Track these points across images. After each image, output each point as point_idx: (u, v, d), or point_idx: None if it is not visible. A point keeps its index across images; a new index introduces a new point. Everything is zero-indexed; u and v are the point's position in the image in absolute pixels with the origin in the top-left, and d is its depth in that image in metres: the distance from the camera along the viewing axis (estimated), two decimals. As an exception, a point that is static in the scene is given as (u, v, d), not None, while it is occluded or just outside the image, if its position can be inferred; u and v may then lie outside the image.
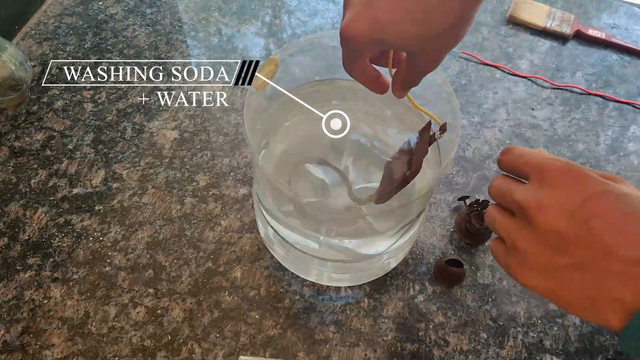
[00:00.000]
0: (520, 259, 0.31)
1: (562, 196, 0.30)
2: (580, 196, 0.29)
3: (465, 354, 0.47)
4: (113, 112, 0.60)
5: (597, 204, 0.29)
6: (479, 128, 0.60)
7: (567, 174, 0.30)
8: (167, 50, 0.65)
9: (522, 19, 0.69)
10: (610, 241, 0.28)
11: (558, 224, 0.29)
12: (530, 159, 0.32)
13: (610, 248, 0.28)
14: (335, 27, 0.69)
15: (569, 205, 0.29)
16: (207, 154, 0.57)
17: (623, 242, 0.28)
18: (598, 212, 0.29)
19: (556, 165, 0.31)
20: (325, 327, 0.47)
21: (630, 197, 0.29)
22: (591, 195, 0.29)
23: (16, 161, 0.56)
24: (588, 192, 0.29)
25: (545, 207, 0.30)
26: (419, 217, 0.46)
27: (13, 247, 0.51)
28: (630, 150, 0.60)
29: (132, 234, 0.52)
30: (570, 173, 0.30)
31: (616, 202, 0.29)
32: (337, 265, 0.47)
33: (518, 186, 0.32)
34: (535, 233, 0.30)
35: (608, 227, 0.28)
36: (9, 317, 0.47)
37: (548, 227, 0.30)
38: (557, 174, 0.30)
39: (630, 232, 0.28)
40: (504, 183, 0.33)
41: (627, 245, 0.28)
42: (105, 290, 0.49)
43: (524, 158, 0.33)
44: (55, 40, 0.66)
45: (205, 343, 0.46)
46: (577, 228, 0.29)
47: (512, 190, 0.32)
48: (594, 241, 0.28)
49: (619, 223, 0.28)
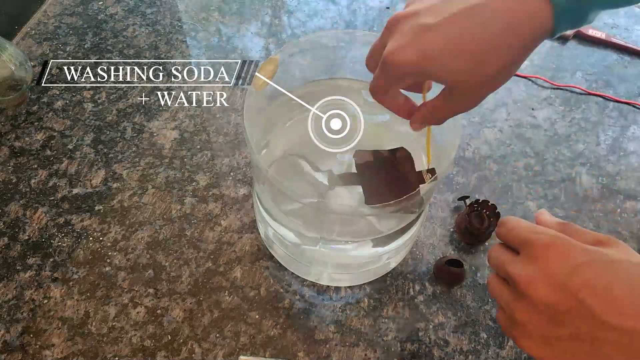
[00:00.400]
0: (520, 329, 0.32)
1: (550, 269, 0.30)
2: (567, 268, 0.29)
3: (465, 354, 0.46)
4: (113, 112, 0.60)
5: (584, 275, 0.29)
6: (479, 128, 0.60)
7: (552, 247, 0.30)
8: (167, 50, 0.65)
9: (522, 19, 0.68)
10: (601, 312, 0.28)
11: (549, 297, 0.29)
12: (518, 233, 0.32)
13: (602, 318, 0.28)
14: (334, 27, 0.69)
15: (557, 278, 0.29)
16: (207, 154, 0.57)
17: (614, 312, 0.28)
18: (585, 283, 0.29)
19: (541, 240, 0.31)
20: (325, 327, 0.47)
21: (619, 263, 0.29)
22: (577, 266, 0.29)
23: (16, 161, 0.56)
24: (574, 264, 0.29)
25: (535, 281, 0.30)
26: (419, 217, 0.46)
27: (13, 247, 0.51)
28: (631, 150, 0.60)
29: (132, 234, 0.52)
30: (555, 247, 0.30)
31: (603, 271, 0.29)
32: (337, 265, 0.47)
33: (511, 258, 0.32)
34: (530, 305, 0.30)
35: (597, 298, 0.28)
36: (9, 317, 0.47)
37: (541, 301, 0.30)
38: (542, 248, 0.30)
39: (619, 302, 0.28)
40: (500, 254, 0.34)
41: (617, 315, 0.28)
42: (105, 290, 0.49)
43: (514, 232, 0.33)
44: (55, 40, 0.66)
45: (205, 343, 0.46)
46: (568, 301, 0.29)
47: (505, 263, 0.32)
48: (586, 313, 0.28)
49: (606, 293, 0.28)
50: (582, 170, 0.58)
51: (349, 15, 0.70)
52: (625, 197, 0.56)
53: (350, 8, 0.71)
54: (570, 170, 0.58)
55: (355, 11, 0.70)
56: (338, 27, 0.69)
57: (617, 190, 0.56)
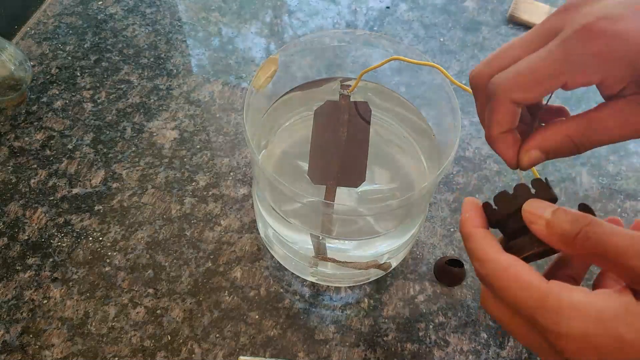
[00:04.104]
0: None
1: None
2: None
3: (465, 354, 0.46)
4: (113, 112, 0.60)
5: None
6: (479, 128, 0.60)
7: (581, 342, 0.23)
8: (167, 50, 0.65)
9: (523, 18, 0.68)
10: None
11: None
12: (516, 302, 0.25)
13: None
14: (335, 27, 0.69)
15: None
16: (207, 154, 0.57)
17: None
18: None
19: (565, 334, 0.23)
20: (325, 327, 0.47)
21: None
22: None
23: (16, 161, 0.56)
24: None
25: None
26: (419, 217, 0.46)
27: (12, 247, 0.51)
28: (632, 150, 0.59)
29: (132, 234, 0.52)
30: (581, 341, 0.23)
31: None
32: (337, 265, 0.47)
33: (532, 344, 0.26)
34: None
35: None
36: (9, 317, 0.47)
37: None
38: (568, 345, 0.23)
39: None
40: (507, 320, 0.27)
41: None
42: (105, 291, 0.48)
43: (505, 295, 0.25)
44: (55, 40, 0.65)
45: (205, 343, 0.46)
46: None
47: (523, 342, 0.27)
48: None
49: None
50: (583, 170, 0.58)
51: (349, 15, 0.70)
52: (626, 197, 0.56)
53: (351, 8, 0.71)
54: (570, 170, 0.58)
55: (355, 11, 0.70)
56: (338, 27, 0.69)
57: (618, 191, 0.56)
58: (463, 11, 0.70)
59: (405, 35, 0.68)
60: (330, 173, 0.40)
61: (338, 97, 0.41)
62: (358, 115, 0.41)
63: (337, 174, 0.39)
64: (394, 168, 0.46)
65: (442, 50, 0.66)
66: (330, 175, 0.39)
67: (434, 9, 0.70)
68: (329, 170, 0.40)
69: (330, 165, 0.40)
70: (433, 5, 0.71)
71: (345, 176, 0.40)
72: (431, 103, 0.43)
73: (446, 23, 0.69)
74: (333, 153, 0.40)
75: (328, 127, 0.41)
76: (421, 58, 0.39)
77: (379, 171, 0.44)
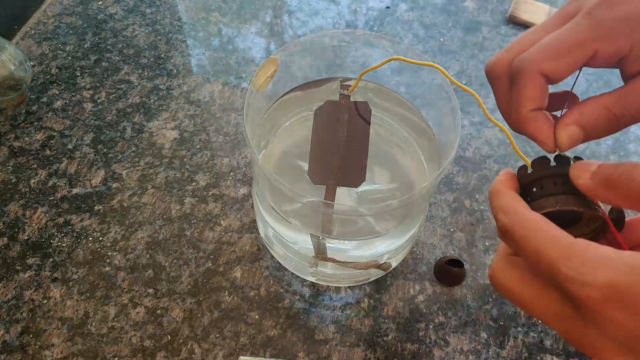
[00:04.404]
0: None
1: (621, 336, 0.22)
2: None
3: (465, 354, 0.46)
4: (113, 112, 0.60)
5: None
6: (479, 128, 0.60)
7: (613, 303, 0.22)
8: (167, 50, 0.65)
9: (523, 18, 0.68)
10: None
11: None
12: (540, 259, 0.23)
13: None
14: (335, 27, 0.69)
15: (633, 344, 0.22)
16: (207, 154, 0.57)
17: None
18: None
19: (592, 296, 0.22)
20: (325, 327, 0.47)
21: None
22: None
23: (16, 161, 0.56)
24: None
25: (607, 353, 0.23)
26: (419, 217, 0.45)
27: (12, 247, 0.51)
28: (632, 150, 0.59)
29: (132, 234, 0.52)
30: (615, 301, 0.22)
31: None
32: (337, 265, 0.47)
33: (554, 313, 0.24)
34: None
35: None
36: (9, 317, 0.47)
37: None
38: (599, 306, 0.22)
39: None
40: (521, 288, 0.26)
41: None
42: (104, 291, 0.48)
43: (530, 249, 0.24)
44: (54, 40, 0.65)
45: (205, 343, 0.46)
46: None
47: (540, 314, 0.25)
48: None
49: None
50: (583, 170, 0.58)
51: (349, 15, 0.70)
52: (626, 197, 0.56)
53: (351, 8, 0.71)
54: (570, 170, 0.58)
55: (355, 11, 0.70)
56: (338, 27, 0.69)
57: (618, 190, 0.56)
58: (463, 11, 0.70)
59: (405, 35, 0.68)
60: (330, 173, 0.40)
61: (338, 97, 0.41)
62: (358, 115, 0.41)
63: (337, 174, 0.39)
64: (394, 168, 0.46)
65: (442, 50, 0.66)
66: (330, 175, 0.39)
67: (434, 9, 0.70)
68: (329, 170, 0.40)
69: (330, 165, 0.40)
70: (433, 5, 0.71)
71: (345, 176, 0.40)
72: (431, 103, 0.43)
73: (446, 23, 0.69)
74: (333, 153, 0.40)
75: (328, 127, 0.41)
76: (421, 58, 0.39)
77: (379, 171, 0.44)
